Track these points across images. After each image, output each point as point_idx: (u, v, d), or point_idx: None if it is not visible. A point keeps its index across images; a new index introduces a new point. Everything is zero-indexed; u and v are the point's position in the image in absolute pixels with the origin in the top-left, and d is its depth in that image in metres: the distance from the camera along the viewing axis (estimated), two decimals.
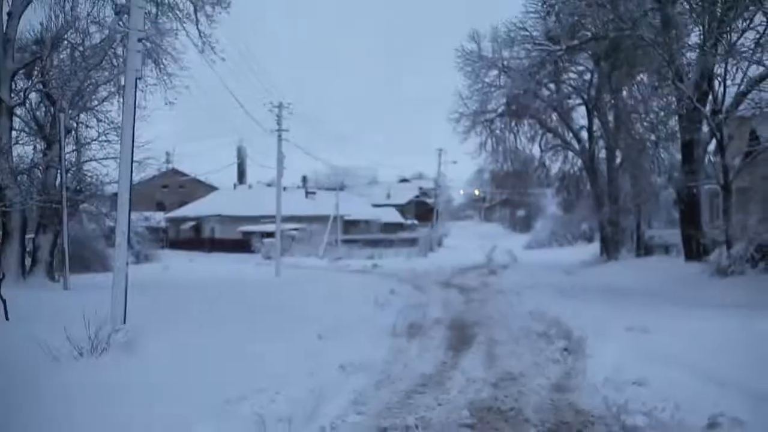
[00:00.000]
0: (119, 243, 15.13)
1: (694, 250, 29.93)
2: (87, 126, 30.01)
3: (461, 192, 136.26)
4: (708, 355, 10.54)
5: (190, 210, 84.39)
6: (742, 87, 26.09)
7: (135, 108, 15.68)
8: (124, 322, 13.54)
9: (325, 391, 9.44)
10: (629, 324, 14.39)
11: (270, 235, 53.43)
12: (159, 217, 76.11)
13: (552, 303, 20.27)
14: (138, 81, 15.78)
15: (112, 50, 27.79)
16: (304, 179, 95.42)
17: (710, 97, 27.15)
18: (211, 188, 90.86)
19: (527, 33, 35.02)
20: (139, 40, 15.34)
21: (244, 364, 10.40)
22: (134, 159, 16.91)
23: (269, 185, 75.97)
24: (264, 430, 7.32)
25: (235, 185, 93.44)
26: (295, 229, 66.23)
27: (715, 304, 19.00)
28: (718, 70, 26.46)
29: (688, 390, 8.23)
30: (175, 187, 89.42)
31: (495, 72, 40.89)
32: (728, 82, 26.57)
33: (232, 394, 8.20)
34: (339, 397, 9.58)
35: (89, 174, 29.71)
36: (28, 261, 28.79)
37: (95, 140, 29.13)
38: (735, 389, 8.03)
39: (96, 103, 29.40)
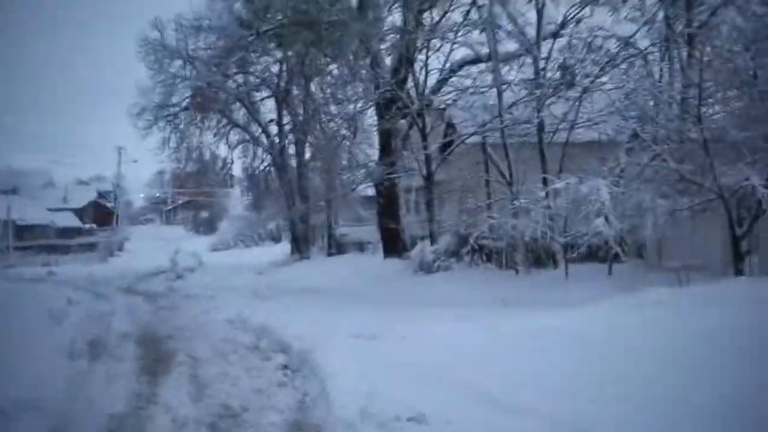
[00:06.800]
0: None
1: (394, 245, 28.89)
2: None
3: (141, 195, 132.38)
4: (474, 368, 8.58)
5: None
6: (444, 73, 25.54)
7: None
8: None
9: None
10: (353, 330, 12.42)
11: None
12: None
13: (252, 308, 17.84)
14: None
15: None
16: None
17: (411, 82, 26.27)
18: None
19: (212, 22, 33.86)
20: None
21: None
22: None
23: None
24: None
25: None
26: None
27: (433, 303, 17.65)
28: (419, 56, 25.71)
29: (484, 426, 6.06)
30: None
31: (180, 62, 38.64)
32: (429, 68, 25.97)
33: None
34: None
35: None
36: None
37: None
38: (536, 418, 6.01)
39: None
